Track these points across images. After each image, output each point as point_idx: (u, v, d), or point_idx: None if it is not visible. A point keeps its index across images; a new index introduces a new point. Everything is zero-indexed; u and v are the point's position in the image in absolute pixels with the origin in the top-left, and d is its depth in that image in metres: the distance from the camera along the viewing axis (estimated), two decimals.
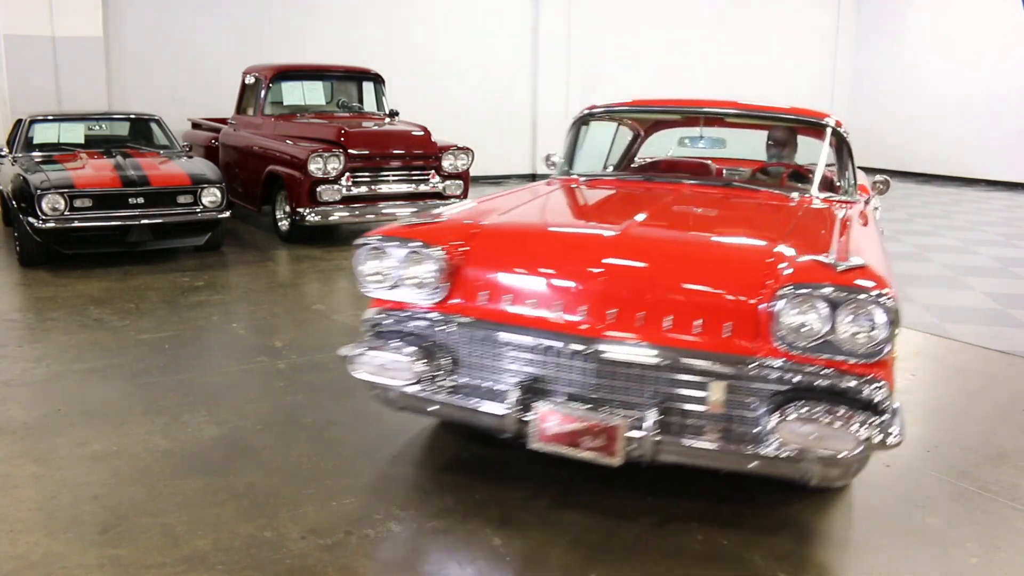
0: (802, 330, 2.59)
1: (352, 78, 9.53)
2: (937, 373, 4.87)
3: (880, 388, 2.60)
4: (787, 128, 4.52)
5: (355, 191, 7.74)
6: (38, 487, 3.17)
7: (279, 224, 8.17)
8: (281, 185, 7.92)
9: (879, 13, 16.80)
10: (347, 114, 9.06)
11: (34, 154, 7.53)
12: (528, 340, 2.85)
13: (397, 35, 12.24)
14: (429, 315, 3.04)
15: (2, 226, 8.34)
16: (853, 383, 2.59)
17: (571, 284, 2.87)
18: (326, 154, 7.47)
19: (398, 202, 7.93)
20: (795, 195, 3.97)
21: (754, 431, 2.67)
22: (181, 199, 7.10)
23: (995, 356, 5.12)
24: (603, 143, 5.25)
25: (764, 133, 4.80)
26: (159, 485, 3.20)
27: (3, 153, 7.68)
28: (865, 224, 3.64)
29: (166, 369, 4.53)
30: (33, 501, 3.06)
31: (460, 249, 3.07)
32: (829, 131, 4.24)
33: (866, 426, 2.51)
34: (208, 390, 4.24)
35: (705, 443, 2.69)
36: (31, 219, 6.59)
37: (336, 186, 7.60)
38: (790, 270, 2.74)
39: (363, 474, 3.36)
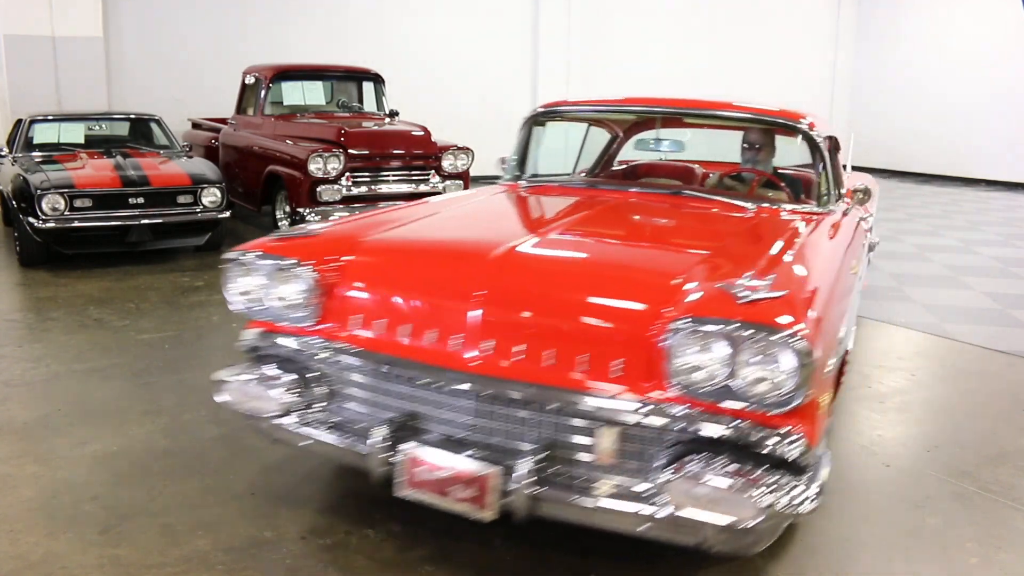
0: (698, 372, 2.22)
1: (352, 78, 9.53)
2: (937, 373, 4.87)
3: (796, 443, 2.20)
4: (762, 130, 4.10)
5: (355, 191, 7.74)
6: (38, 487, 3.17)
7: (279, 224, 8.16)
8: (281, 185, 7.92)
9: (879, 14, 16.81)
10: (347, 114, 9.05)
11: (34, 154, 7.53)
12: (397, 372, 2.55)
13: (397, 35, 12.24)
14: (301, 340, 2.75)
15: (2, 226, 8.34)
16: (762, 437, 2.20)
17: (444, 310, 2.53)
18: (326, 154, 7.47)
19: (398, 202, 7.91)
20: (753, 205, 3.61)
21: (648, 488, 2.30)
22: (181, 199, 7.10)
23: (995, 356, 5.12)
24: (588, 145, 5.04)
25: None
26: (159, 485, 3.20)
27: (3, 153, 7.68)
28: (833, 238, 3.34)
29: (166, 369, 4.53)
30: (33, 501, 3.06)
31: (333, 266, 2.77)
32: (801, 134, 3.84)
33: (772, 490, 2.13)
34: (208, 390, 4.22)
35: (590, 499, 2.31)
36: (31, 219, 6.59)
37: (336, 186, 7.60)
38: (694, 298, 2.35)
39: (364, 474, 3.36)
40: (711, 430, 2.23)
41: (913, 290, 6.78)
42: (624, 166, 4.96)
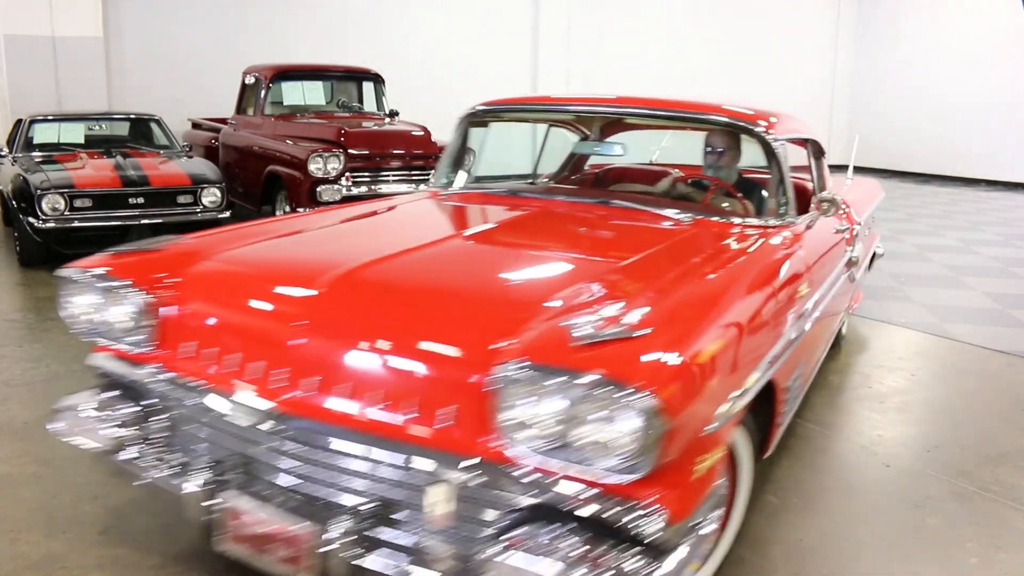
0: (527, 428, 1.83)
1: (352, 78, 9.53)
2: (937, 373, 4.87)
3: (652, 518, 1.79)
4: (724, 132, 3.70)
5: (355, 191, 7.74)
6: (38, 487, 3.17)
7: None
8: (281, 185, 7.92)
9: (879, 14, 16.82)
10: (347, 114, 9.06)
11: (34, 154, 7.53)
12: (216, 408, 2.26)
13: (397, 35, 12.24)
14: (136, 367, 2.50)
15: (2, 226, 8.34)
16: (607, 510, 1.81)
17: (267, 340, 2.23)
18: (326, 154, 7.47)
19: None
20: (689, 217, 3.21)
21: (476, 561, 1.92)
22: (181, 199, 7.11)
23: (995, 356, 5.12)
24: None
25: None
26: None
27: (3, 153, 7.69)
28: (777, 257, 2.91)
29: None
30: (33, 501, 3.06)
31: (167, 287, 2.51)
32: (755, 138, 3.40)
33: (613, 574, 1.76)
34: None
35: (415, 569, 1.98)
36: (31, 219, 6.59)
37: (336, 186, 7.60)
38: (532, 335, 1.95)
39: None
40: (551, 496, 1.85)
41: (913, 290, 6.78)
42: (598, 170, 4.64)
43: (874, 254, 5.29)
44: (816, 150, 4.08)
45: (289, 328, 2.19)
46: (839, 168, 5.02)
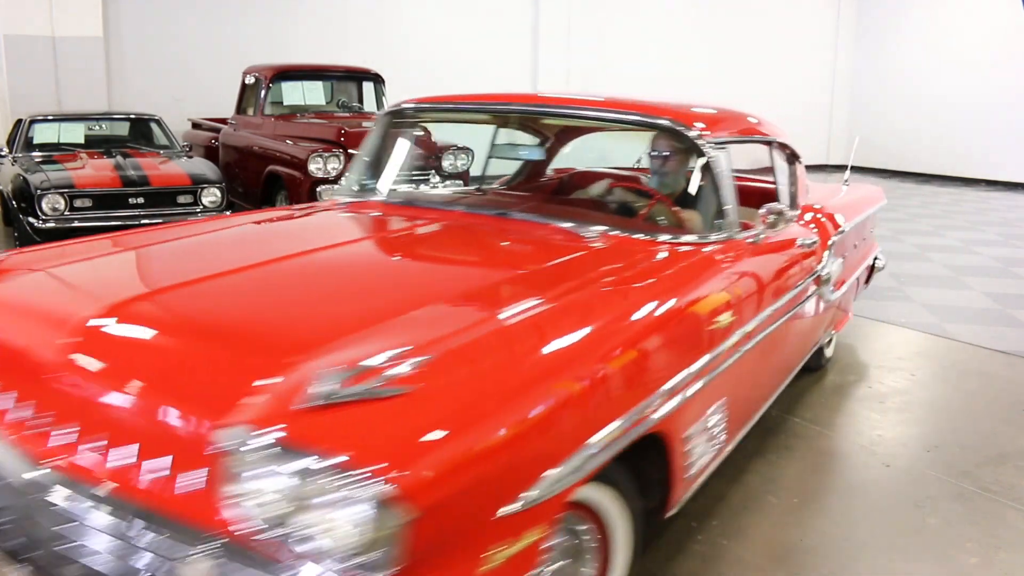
0: (252, 506, 1.52)
1: (352, 78, 9.54)
2: (937, 373, 4.87)
3: None
4: (667, 136, 3.24)
5: None
6: None
7: None
8: (281, 185, 7.92)
9: (879, 14, 16.82)
10: (347, 114, 9.07)
11: (34, 154, 7.53)
12: None
13: (397, 35, 12.25)
14: None
15: (2, 226, 8.34)
16: None
17: (33, 380, 1.94)
18: (326, 154, 7.47)
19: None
20: (594, 233, 2.81)
21: None
22: (181, 199, 7.11)
23: (995, 356, 5.12)
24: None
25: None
26: None
27: (3, 153, 7.69)
28: (694, 280, 2.52)
29: None
30: None
31: None
32: (688, 143, 3.01)
33: None
34: None
35: None
36: (31, 219, 6.59)
37: (336, 186, 7.58)
38: (268, 393, 1.63)
39: None
40: None
41: (913, 290, 6.78)
42: (563, 175, 4.29)
43: (872, 266, 5.16)
44: (789, 155, 3.82)
45: (53, 366, 1.90)
46: (839, 168, 5.00)
